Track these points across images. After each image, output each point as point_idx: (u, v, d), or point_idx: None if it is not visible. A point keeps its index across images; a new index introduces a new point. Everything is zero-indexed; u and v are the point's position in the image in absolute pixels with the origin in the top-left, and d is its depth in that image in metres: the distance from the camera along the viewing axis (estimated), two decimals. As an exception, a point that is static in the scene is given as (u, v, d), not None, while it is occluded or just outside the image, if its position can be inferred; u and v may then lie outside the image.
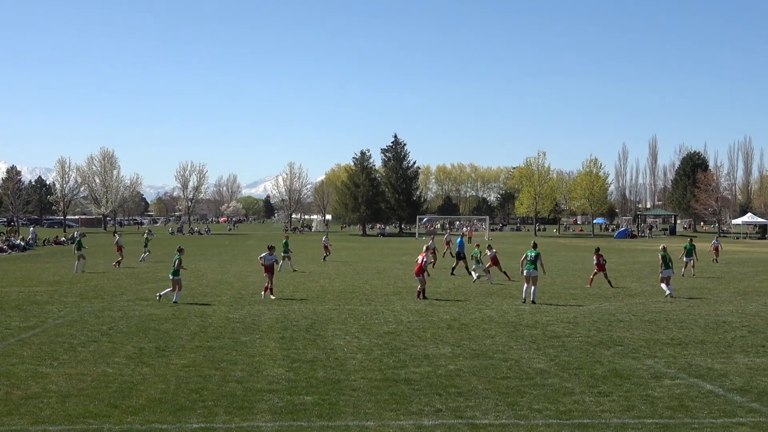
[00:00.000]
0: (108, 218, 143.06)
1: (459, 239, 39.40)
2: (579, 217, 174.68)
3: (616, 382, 13.56)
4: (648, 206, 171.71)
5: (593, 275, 31.37)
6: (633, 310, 23.70)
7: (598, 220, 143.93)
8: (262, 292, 26.57)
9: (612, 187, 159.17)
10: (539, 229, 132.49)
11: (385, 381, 13.53)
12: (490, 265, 33.56)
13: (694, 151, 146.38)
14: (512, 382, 13.54)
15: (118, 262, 41.67)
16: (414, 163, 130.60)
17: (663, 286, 27.61)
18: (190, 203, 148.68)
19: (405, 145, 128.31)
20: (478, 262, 33.28)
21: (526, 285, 25.69)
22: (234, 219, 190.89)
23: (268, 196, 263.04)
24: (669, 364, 15.33)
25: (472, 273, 33.66)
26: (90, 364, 14.86)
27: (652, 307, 24.49)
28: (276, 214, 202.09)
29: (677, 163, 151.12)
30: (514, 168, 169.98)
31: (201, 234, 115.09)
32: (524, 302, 25.30)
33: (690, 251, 36.96)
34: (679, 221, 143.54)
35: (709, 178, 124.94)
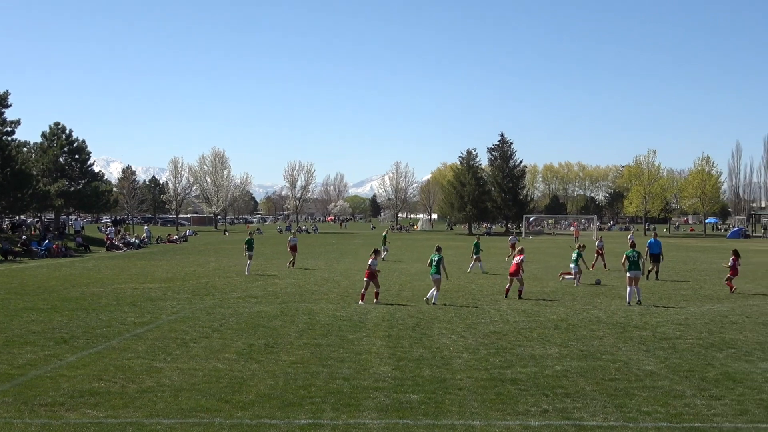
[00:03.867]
0: (219, 217, 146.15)
1: (651, 239, 36.84)
2: (690, 217, 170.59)
3: (729, 386, 13.24)
4: (763, 205, 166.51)
5: (729, 280, 29.06)
6: (747, 312, 23.06)
7: (710, 220, 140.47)
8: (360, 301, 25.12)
9: (725, 186, 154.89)
10: (648, 229, 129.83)
11: (491, 380, 13.50)
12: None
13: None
14: (621, 383, 13.35)
15: (292, 263, 40.94)
16: (521, 162, 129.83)
17: None
18: (298, 202, 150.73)
19: (512, 144, 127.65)
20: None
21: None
22: (341, 218, 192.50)
23: (374, 195, 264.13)
24: (785, 368, 14.88)
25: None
26: (202, 360, 15.24)
27: (766, 309, 23.78)
28: (382, 213, 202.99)
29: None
30: (623, 167, 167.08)
31: (309, 232, 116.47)
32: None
33: None
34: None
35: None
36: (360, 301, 24.74)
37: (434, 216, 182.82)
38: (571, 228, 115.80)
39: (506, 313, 22.59)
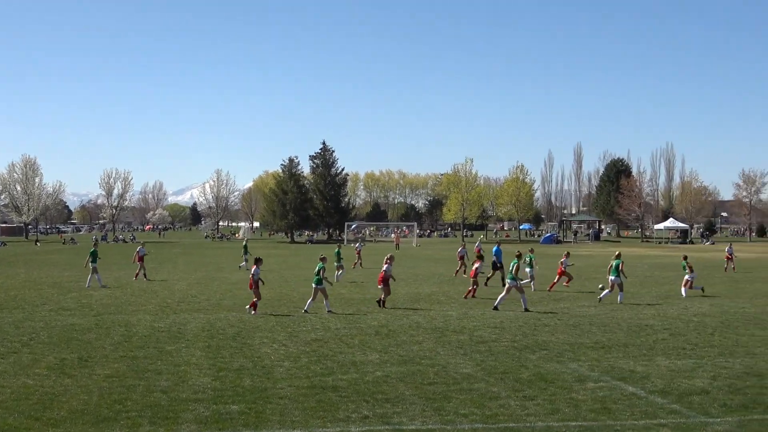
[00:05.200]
0: (30, 226, 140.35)
1: (496, 247, 37.25)
2: (506, 223, 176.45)
3: (541, 386, 13.72)
4: (573, 212, 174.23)
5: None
6: (558, 315, 24.02)
7: (525, 226, 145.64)
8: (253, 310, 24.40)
9: (538, 193, 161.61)
10: (466, 235, 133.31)
11: (312, 388, 13.47)
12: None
13: (618, 158, 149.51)
14: (439, 387, 13.60)
15: (141, 275, 38.52)
16: (342, 169, 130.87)
17: (611, 292, 27.74)
18: (114, 211, 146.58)
19: (333, 151, 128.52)
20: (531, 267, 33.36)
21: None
22: (160, 227, 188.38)
23: (194, 204, 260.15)
24: (592, 368, 15.57)
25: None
26: (9, 376, 14.51)
27: (576, 312, 24.84)
28: (203, 222, 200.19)
29: (601, 170, 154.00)
30: (441, 175, 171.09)
31: (126, 242, 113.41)
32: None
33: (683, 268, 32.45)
34: (603, 226, 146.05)
35: (632, 184, 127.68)
36: (252, 311, 24.14)
37: (256, 224, 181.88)
38: (392, 235, 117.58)
39: (327, 320, 22.66)
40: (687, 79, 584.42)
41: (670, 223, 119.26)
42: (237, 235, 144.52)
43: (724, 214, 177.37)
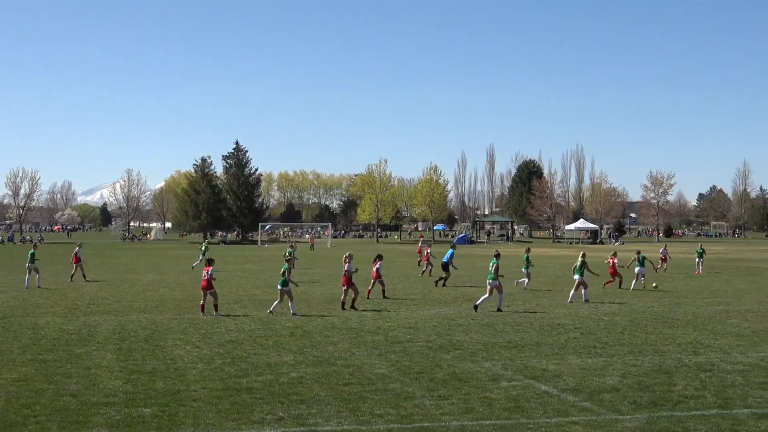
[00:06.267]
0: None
1: (450, 250, 37.25)
2: (420, 224, 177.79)
3: (456, 385, 13.82)
4: (486, 213, 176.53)
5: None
6: (472, 315, 24.20)
7: (439, 227, 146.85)
8: (200, 312, 23.83)
9: (451, 194, 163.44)
10: (381, 236, 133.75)
11: (226, 390, 13.35)
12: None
13: (530, 159, 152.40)
14: (354, 388, 13.60)
15: (76, 276, 37.90)
16: (256, 170, 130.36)
17: (582, 291, 28.32)
18: (21, 211, 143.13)
19: (247, 151, 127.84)
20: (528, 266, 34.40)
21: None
22: (69, 227, 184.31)
23: (104, 204, 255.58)
24: (506, 367, 15.75)
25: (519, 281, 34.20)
26: None
27: (489, 312, 25.07)
28: (113, 222, 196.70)
29: (513, 171, 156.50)
30: (356, 175, 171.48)
31: (33, 242, 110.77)
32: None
33: (642, 262, 34.94)
34: (516, 227, 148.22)
35: (544, 185, 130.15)
36: (200, 313, 23.66)
37: (168, 225, 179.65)
38: (307, 236, 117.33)
39: (242, 321, 22.46)
40: (596, 80, 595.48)
41: (581, 223, 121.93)
42: (148, 236, 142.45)
43: (633, 215, 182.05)
